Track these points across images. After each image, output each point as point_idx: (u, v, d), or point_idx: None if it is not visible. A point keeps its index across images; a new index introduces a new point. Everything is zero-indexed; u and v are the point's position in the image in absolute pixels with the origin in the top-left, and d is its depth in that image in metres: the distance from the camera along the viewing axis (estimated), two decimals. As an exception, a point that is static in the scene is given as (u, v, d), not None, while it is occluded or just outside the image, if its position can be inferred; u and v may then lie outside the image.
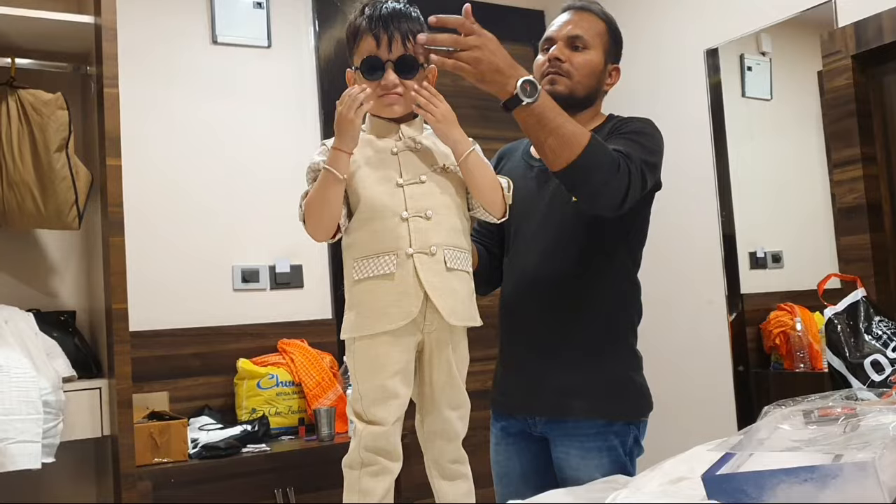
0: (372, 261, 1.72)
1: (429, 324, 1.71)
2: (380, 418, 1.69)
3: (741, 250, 3.13)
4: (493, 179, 1.78)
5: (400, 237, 1.70)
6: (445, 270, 1.72)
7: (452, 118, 1.77)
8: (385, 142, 1.78)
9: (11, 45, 2.59)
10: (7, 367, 2.19)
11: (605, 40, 2.06)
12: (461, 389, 1.77)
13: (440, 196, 1.76)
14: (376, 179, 1.74)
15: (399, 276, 1.69)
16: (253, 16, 3.33)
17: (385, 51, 1.74)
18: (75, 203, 2.54)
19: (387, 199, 1.72)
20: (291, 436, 2.96)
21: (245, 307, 3.18)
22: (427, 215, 1.72)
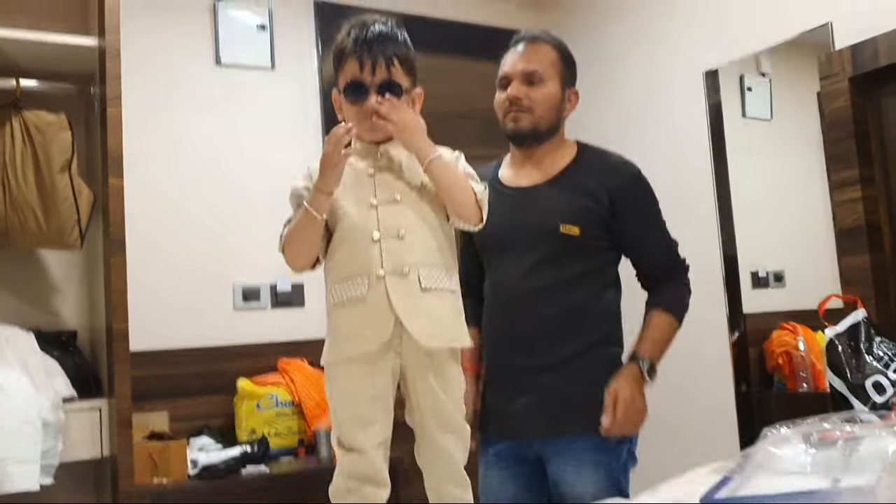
0: (346, 284, 1.70)
1: (406, 348, 1.68)
2: (359, 444, 1.67)
3: (743, 270, 3.13)
4: (462, 185, 1.75)
5: (371, 259, 1.68)
6: (420, 291, 1.69)
7: (414, 126, 1.74)
8: (364, 163, 1.77)
9: (16, 66, 2.61)
10: (7, 386, 2.20)
11: (559, 69, 2.12)
12: (453, 414, 1.73)
13: (415, 214, 1.73)
14: (351, 201, 1.73)
15: (370, 299, 1.67)
16: (256, 38, 3.36)
17: (368, 74, 1.74)
18: (77, 223, 2.55)
19: (359, 220, 1.71)
20: (291, 456, 2.95)
21: (246, 326, 3.18)
22: (400, 235, 1.70)
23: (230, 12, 3.32)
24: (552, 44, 2.13)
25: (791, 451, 1.32)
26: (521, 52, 2.11)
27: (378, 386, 1.68)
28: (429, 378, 1.70)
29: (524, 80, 2.08)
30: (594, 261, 2.06)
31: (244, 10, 3.35)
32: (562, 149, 2.14)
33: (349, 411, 1.69)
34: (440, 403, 1.71)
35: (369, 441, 1.68)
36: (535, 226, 2.04)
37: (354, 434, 1.68)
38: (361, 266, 1.69)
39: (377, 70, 1.74)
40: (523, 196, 2.10)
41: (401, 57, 1.77)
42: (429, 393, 1.71)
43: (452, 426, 1.73)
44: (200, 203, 3.18)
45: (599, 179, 2.06)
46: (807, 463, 1.26)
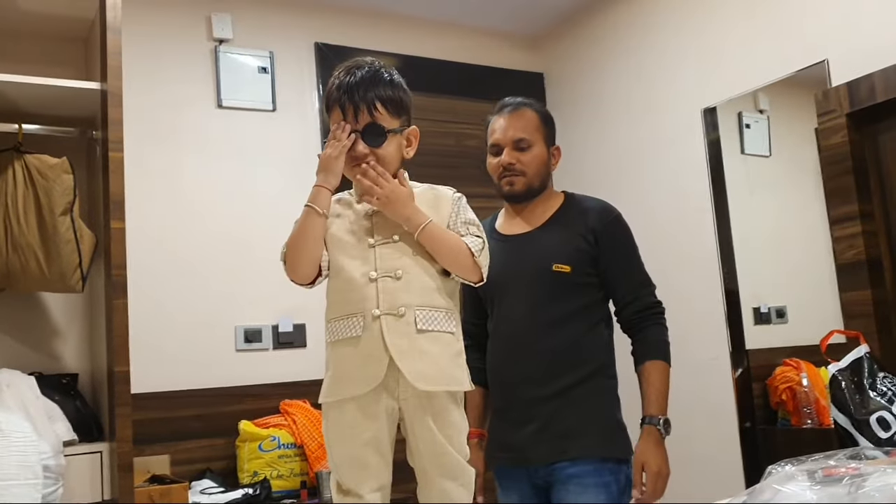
0: (341, 323, 1.70)
1: (402, 390, 1.66)
2: (355, 489, 1.65)
3: (745, 306, 3.12)
4: (456, 249, 1.74)
5: (367, 298, 1.68)
6: (415, 332, 1.67)
7: (397, 197, 1.72)
8: (364, 204, 1.78)
9: (18, 110, 2.63)
10: (7, 431, 2.18)
11: (542, 132, 2.30)
12: (456, 458, 1.70)
13: (413, 255, 1.72)
14: (349, 241, 1.74)
15: (364, 340, 1.66)
16: (258, 80, 3.40)
17: (352, 120, 1.73)
18: (79, 266, 2.55)
19: (357, 260, 1.71)
20: (293, 499, 2.93)
21: (247, 367, 3.17)
22: (397, 275, 1.69)
23: (231, 55, 3.36)
24: (534, 109, 2.32)
25: (796, 487, 1.31)
26: (508, 119, 2.29)
27: (372, 429, 1.66)
28: (427, 421, 1.68)
29: (514, 146, 2.26)
30: (587, 297, 2.21)
31: (245, 53, 3.39)
32: (551, 199, 2.33)
33: (344, 454, 1.68)
34: (440, 448, 1.69)
35: (366, 485, 1.66)
36: (531, 267, 2.21)
37: (350, 478, 1.67)
38: (357, 305, 1.68)
39: (359, 115, 1.74)
40: (519, 242, 2.27)
41: (385, 99, 1.76)
42: (428, 437, 1.68)
43: (453, 472, 1.70)
44: (201, 245, 3.19)
45: (585, 221, 2.25)
46: (812, 499, 1.25)
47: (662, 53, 3.46)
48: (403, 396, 1.67)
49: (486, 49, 3.98)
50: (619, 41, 3.69)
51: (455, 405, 1.72)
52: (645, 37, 3.55)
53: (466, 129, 3.87)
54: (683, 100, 3.35)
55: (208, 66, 3.33)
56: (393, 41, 3.73)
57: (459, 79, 3.88)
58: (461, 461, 1.72)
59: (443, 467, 1.69)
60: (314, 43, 3.55)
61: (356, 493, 1.66)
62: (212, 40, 3.34)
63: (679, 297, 3.34)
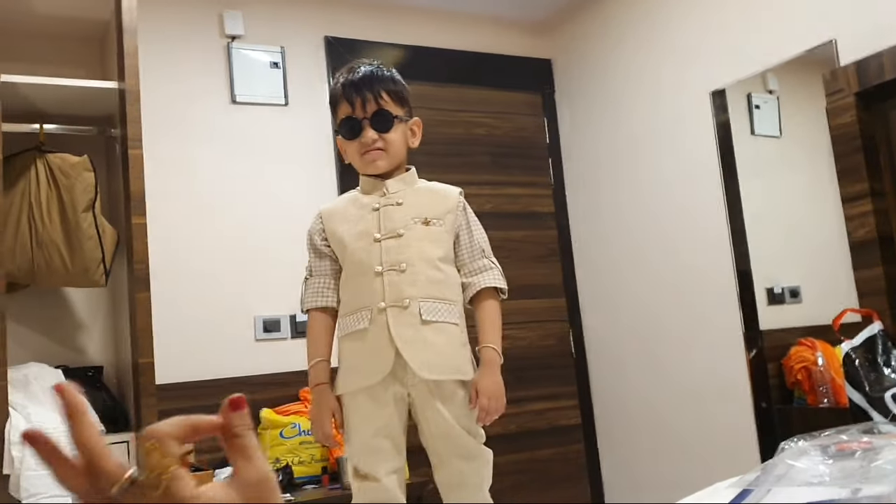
0: (351, 317, 1.76)
1: (410, 377, 1.72)
2: (372, 472, 1.72)
3: (758, 286, 3.14)
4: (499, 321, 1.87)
5: (374, 292, 1.74)
6: (420, 323, 1.72)
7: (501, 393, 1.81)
8: (370, 198, 1.83)
9: (39, 111, 2.68)
10: (38, 423, 2.23)
11: None
12: (470, 440, 1.76)
13: (417, 248, 1.78)
14: (355, 236, 1.79)
15: (372, 332, 1.72)
16: (270, 75, 3.43)
17: (360, 110, 1.81)
18: (102, 261, 2.61)
19: (363, 254, 1.76)
20: (315, 485, 2.97)
21: (267, 357, 3.22)
22: (401, 268, 1.74)
23: (243, 51, 3.39)
24: None
25: (809, 462, 1.33)
26: None
27: (383, 416, 1.72)
28: (437, 405, 1.74)
29: None
30: None
31: (257, 49, 3.42)
32: None
33: (359, 441, 1.75)
34: (452, 430, 1.75)
35: (382, 468, 1.72)
36: None
37: (366, 463, 1.73)
38: (365, 299, 1.74)
39: (367, 105, 1.82)
40: None
41: (389, 90, 1.85)
42: (439, 420, 1.74)
43: (467, 452, 1.76)
44: (220, 238, 3.23)
45: None
46: (825, 473, 1.28)
47: (670, 37, 3.47)
48: (412, 383, 1.72)
49: (494, 37, 4.00)
50: (626, 25, 3.70)
51: (464, 389, 1.77)
52: (652, 21, 3.56)
53: (476, 117, 3.89)
54: (692, 82, 3.36)
55: (221, 62, 3.36)
56: (402, 32, 3.75)
57: (468, 67, 3.90)
58: (474, 441, 1.76)
59: (456, 448, 1.74)
60: (324, 37, 3.58)
61: (373, 477, 1.72)
62: (224, 37, 3.38)
63: (691, 278, 3.38)
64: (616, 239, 3.78)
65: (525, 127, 4.05)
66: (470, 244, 1.87)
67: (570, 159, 4.05)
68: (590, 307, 3.97)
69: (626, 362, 3.75)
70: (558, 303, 3.98)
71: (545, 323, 3.92)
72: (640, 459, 3.68)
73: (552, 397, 3.85)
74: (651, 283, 3.58)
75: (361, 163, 1.83)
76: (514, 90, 4.04)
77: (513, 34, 4.06)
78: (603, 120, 3.85)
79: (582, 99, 3.97)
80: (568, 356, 3.96)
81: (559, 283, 4.00)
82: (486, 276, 1.85)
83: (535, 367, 3.82)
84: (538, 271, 3.94)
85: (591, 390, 3.94)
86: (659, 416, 3.56)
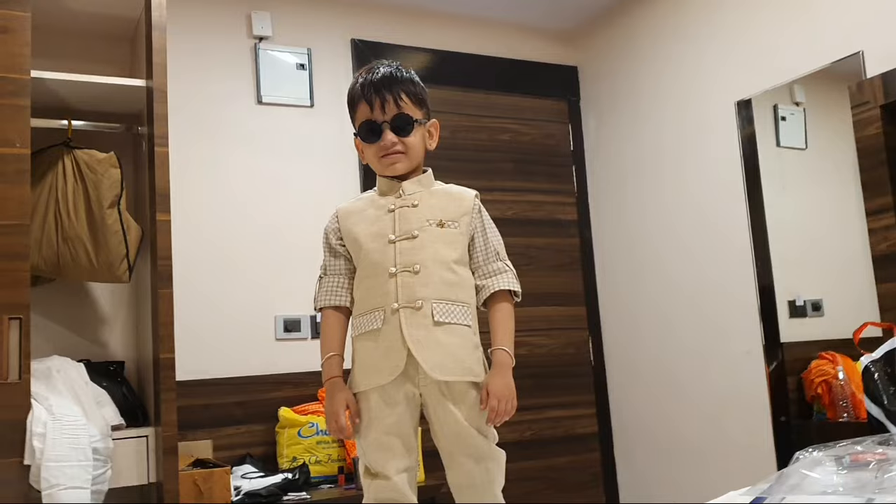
0: (365, 318, 1.77)
1: (422, 377, 1.73)
2: (383, 471, 1.73)
3: (780, 299, 3.11)
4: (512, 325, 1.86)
5: (388, 293, 1.74)
6: (432, 324, 1.73)
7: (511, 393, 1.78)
8: (386, 199, 1.84)
9: (68, 107, 2.72)
10: (59, 415, 2.26)
11: None
12: (481, 440, 1.76)
13: (431, 250, 1.78)
14: (371, 236, 1.80)
15: (385, 332, 1.73)
16: (296, 77, 3.46)
17: (379, 113, 1.81)
18: (126, 257, 2.63)
19: (378, 255, 1.77)
20: (331, 484, 2.99)
21: (286, 356, 3.24)
22: (415, 269, 1.75)
23: (270, 52, 3.43)
24: None
25: (824, 472, 1.33)
26: None
27: (394, 415, 1.74)
28: (448, 406, 1.75)
29: None
30: None
31: (284, 50, 3.46)
32: None
33: (370, 439, 1.75)
34: (463, 430, 1.75)
35: (393, 467, 1.73)
36: None
37: (377, 462, 1.74)
38: (378, 300, 1.76)
39: (387, 108, 1.82)
40: None
41: (408, 92, 1.84)
42: (450, 420, 1.75)
43: (478, 452, 1.76)
44: (243, 237, 3.26)
45: None
46: (839, 484, 1.27)
47: (696, 46, 3.46)
48: (423, 383, 1.73)
49: (520, 43, 4.01)
50: (653, 35, 3.69)
51: (475, 390, 1.77)
52: (679, 29, 3.55)
53: (500, 123, 3.90)
54: (718, 92, 3.35)
55: (248, 63, 3.40)
56: (428, 37, 3.77)
57: (494, 73, 3.91)
58: (488, 443, 1.77)
59: (467, 448, 1.75)
60: (351, 39, 3.61)
61: (384, 475, 1.73)
62: (252, 38, 3.41)
63: (713, 289, 3.36)
64: (638, 248, 3.77)
65: (549, 134, 4.05)
66: (485, 247, 1.87)
67: (594, 167, 4.05)
68: (610, 316, 3.96)
69: (644, 372, 3.73)
70: (578, 311, 3.97)
71: (565, 331, 3.91)
72: (656, 470, 3.66)
73: (570, 405, 3.84)
74: (672, 294, 3.57)
75: (380, 165, 1.84)
76: (540, 97, 4.04)
77: (539, 41, 4.07)
78: (628, 128, 3.84)
79: (607, 107, 3.96)
80: (587, 364, 3.95)
81: (580, 291, 3.99)
82: (501, 279, 1.85)
83: (553, 375, 3.82)
84: (559, 279, 3.94)
85: (608, 399, 3.93)
86: (676, 427, 3.54)
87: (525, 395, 2.27)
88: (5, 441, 2.16)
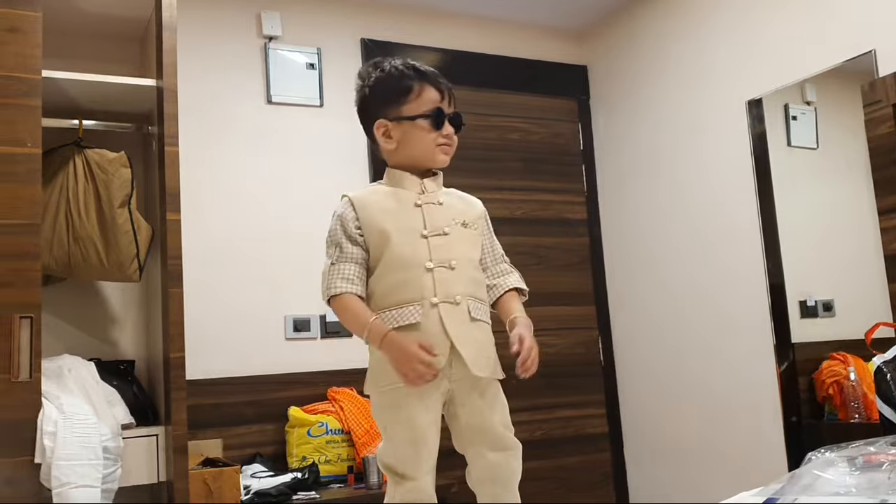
0: (397, 312, 1.74)
1: (455, 371, 1.73)
2: (412, 472, 1.71)
3: (791, 299, 3.10)
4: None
5: (424, 287, 1.73)
6: (469, 320, 1.75)
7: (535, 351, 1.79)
8: (408, 194, 1.83)
9: (79, 107, 2.73)
10: (70, 413, 2.27)
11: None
12: (504, 432, 1.78)
13: (462, 249, 1.81)
14: (400, 230, 1.78)
15: (424, 326, 1.72)
16: (306, 76, 3.46)
17: (447, 104, 1.85)
18: (136, 256, 2.64)
19: (409, 249, 1.76)
20: (341, 484, 2.99)
21: (296, 356, 3.25)
22: (451, 265, 1.76)
23: (280, 52, 3.43)
24: None
25: (836, 473, 1.32)
26: None
27: (432, 410, 1.73)
28: (476, 400, 1.76)
29: None
30: None
31: (294, 50, 3.46)
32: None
33: (406, 437, 1.72)
34: (488, 423, 1.76)
35: (422, 467, 1.72)
36: None
37: (409, 459, 1.72)
38: (415, 293, 1.74)
39: (452, 102, 1.88)
40: None
41: None
42: (476, 412, 1.76)
43: (503, 444, 1.78)
44: (252, 237, 3.27)
45: None
46: (852, 485, 1.26)
47: (706, 45, 3.45)
48: (456, 378, 1.74)
49: (529, 43, 4.00)
50: (662, 33, 3.68)
51: (498, 385, 1.81)
52: (689, 28, 3.54)
53: (510, 122, 3.90)
54: (728, 91, 3.33)
55: (258, 62, 3.40)
56: (438, 36, 3.77)
57: (503, 72, 3.91)
58: (509, 434, 1.78)
59: (492, 440, 1.76)
60: (360, 39, 3.61)
61: (412, 477, 1.71)
62: (261, 37, 3.42)
63: (723, 289, 3.35)
64: (647, 248, 3.76)
65: (559, 133, 4.05)
66: (492, 249, 1.93)
67: (604, 167, 4.04)
68: (619, 316, 3.95)
69: (654, 372, 3.72)
70: (588, 311, 3.97)
71: (574, 330, 3.91)
72: (667, 470, 3.65)
73: (580, 405, 3.84)
74: (682, 293, 3.56)
75: (431, 153, 1.84)
76: (549, 96, 4.04)
77: (549, 40, 4.06)
78: (637, 128, 3.83)
79: (617, 106, 3.95)
80: (596, 364, 3.94)
81: (589, 290, 3.98)
82: (511, 278, 1.91)
83: (563, 375, 3.81)
84: (568, 278, 3.93)
85: (618, 399, 3.92)
86: (686, 427, 3.53)
87: (535, 394, 2.27)
88: (16, 439, 2.16)
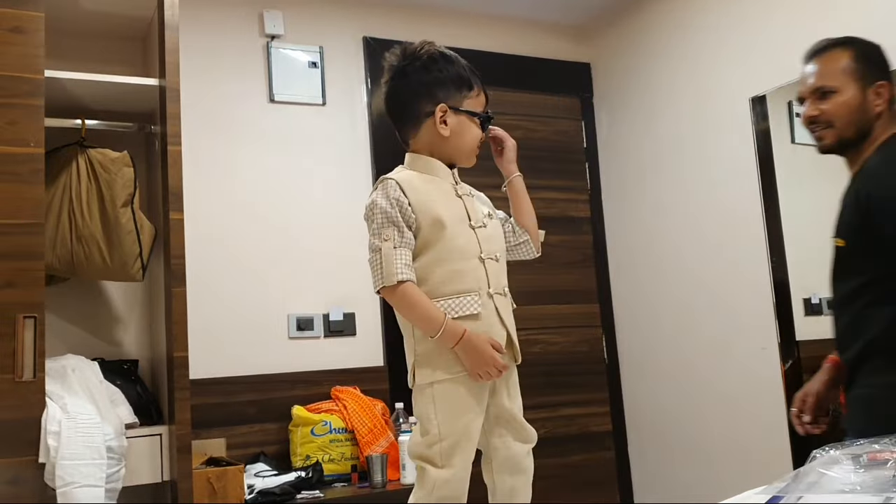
0: (457, 301, 1.74)
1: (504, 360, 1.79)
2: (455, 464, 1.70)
3: (795, 297, 3.09)
4: (531, 207, 2.02)
5: (480, 278, 1.77)
6: (513, 311, 1.85)
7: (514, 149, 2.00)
8: (443, 183, 1.85)
9: (82, 107, 2.73)
10: (74, 413, 2.27)
11: (853, 70, 1.96)
12: (525, 423, 1.85)
13: (501, 242, 1.89)
14: (451, 218, 1.79)
15: (485, 317, 1.76)
16: (308, 75, 3.46)
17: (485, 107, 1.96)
18: (139, 256, 2.64)
19: (463, 239, 1.79)
20: (344, 482, 2.99)
21: (300, 355, 3.25)
22: (496, 257, 1.82)
23: (282, 51, 3.43)
24: (844, 47, 1.99)
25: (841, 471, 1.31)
26: (811, 69, 2.02)
27: (483, 401, 1.76)
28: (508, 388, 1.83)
29: (816, 97, 1.99)
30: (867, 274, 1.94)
31: (296, 49, 3.46)
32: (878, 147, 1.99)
33: (456, 428, 1.71)
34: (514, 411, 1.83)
35: (466, 461, 1.73)
36: None
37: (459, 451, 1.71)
38: (472, 283, 1.76)
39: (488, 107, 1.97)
40: None
41: None
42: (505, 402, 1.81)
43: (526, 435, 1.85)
44: (255, 235, 3.27)
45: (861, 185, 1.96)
46: (857, 482, 1.26)
47: (710, 42, 3.44)
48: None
49: (533, 40, 3.99)
50: (666, 31, 3.67)
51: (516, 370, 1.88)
52: (692, 25, 3.53)
53: (513, 120, 3.89)
54: (732, 89, 3.33)
55: (260, 61, 3.40)
56: (440, 34, 3.73)
57: (506, 70, 3.90)
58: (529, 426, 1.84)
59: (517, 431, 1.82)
60: (363, 37, 3.61)
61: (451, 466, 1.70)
62: (264, 36, 3.42)
63: (727, 287, 3.34)
64: (652, 245, 3.76)
65: (562, 131, 4.04)
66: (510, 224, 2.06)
67: (607, 164, 4.03)
68: (623, 314, 3.95)
69: (658, 370, 3.72)
70: (592, 308, 3.96)
71: (578, 328, 3.91)
72: (671, 469, 3.65)
73: (584, 403, 3.83)
74: (686, 291, 3.55)
75: (471, 151, 1.91)
76: (552, 93, 4.03)
77: (552, 38, 4.06)
78: (641, 125, 3.83)
79: (620, 103, 3.95)
80: (600, 362, 3.94)
81: (593, 288, 3.98)
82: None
83: (567, 373, 3.80)
84: (572, 276, 3.93)
85: (622, 397, 3.92)
86: (691, 426, 3.52)
87: (538, 392, 2.29)
88: (20, 439, 2.17)
